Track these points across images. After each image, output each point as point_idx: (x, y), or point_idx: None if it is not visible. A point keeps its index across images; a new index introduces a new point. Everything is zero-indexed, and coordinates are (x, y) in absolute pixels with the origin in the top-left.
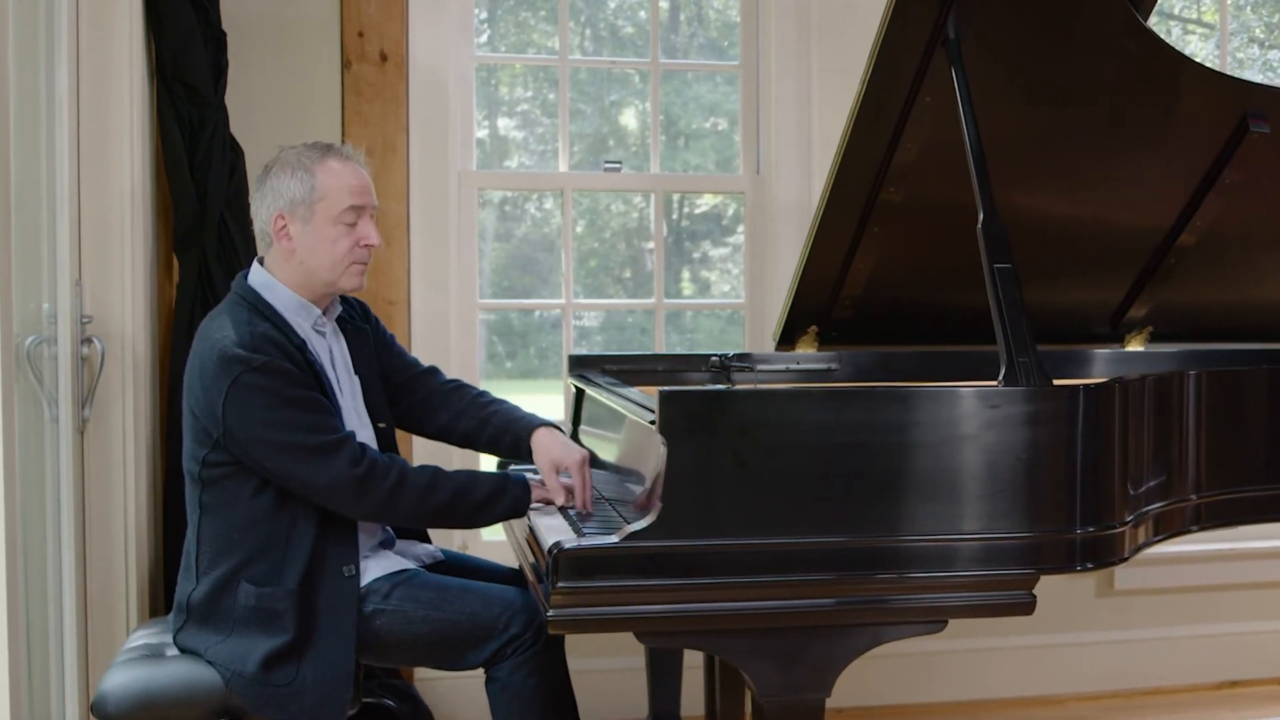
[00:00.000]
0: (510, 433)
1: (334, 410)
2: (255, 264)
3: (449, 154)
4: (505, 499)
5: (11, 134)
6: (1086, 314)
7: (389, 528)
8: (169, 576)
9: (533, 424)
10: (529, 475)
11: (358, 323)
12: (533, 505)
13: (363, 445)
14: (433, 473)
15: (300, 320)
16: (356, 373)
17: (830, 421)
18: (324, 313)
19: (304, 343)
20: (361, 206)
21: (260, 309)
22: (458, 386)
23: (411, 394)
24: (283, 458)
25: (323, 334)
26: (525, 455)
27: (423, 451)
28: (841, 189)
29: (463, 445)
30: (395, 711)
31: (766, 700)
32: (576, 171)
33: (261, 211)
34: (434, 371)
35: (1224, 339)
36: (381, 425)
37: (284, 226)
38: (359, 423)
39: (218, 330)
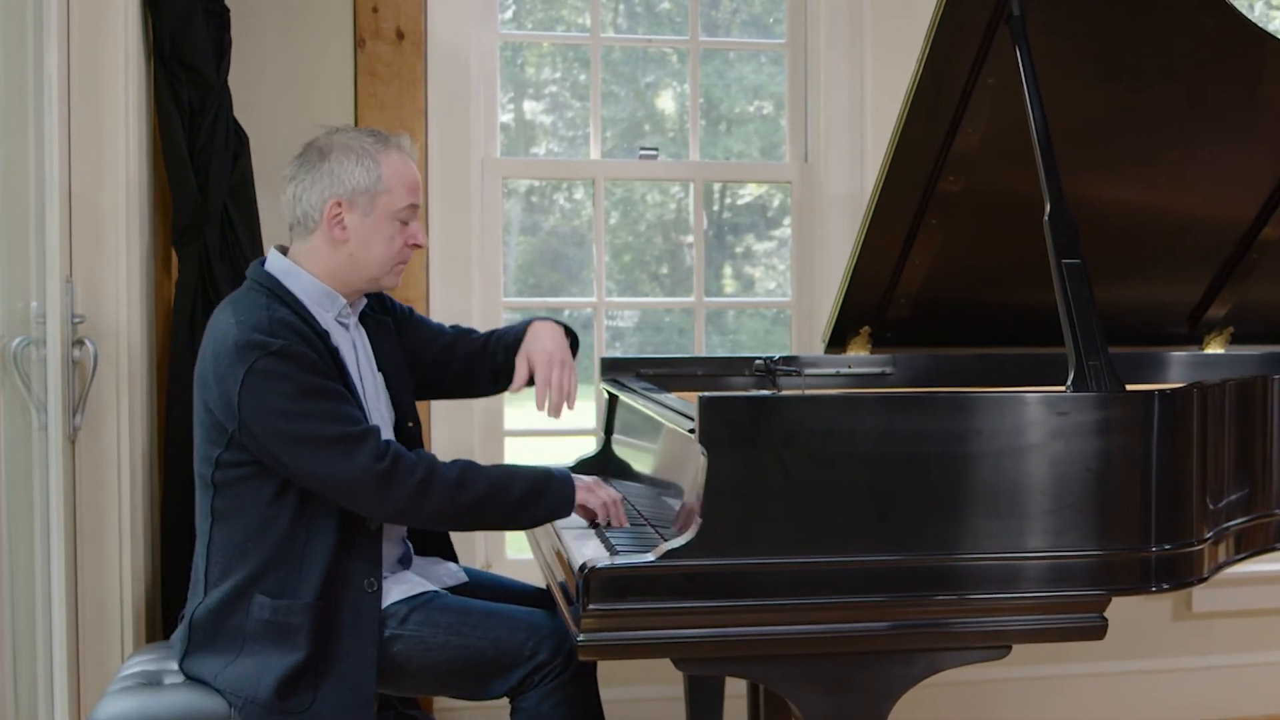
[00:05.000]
0: (511, 334)
1: (356, 403)
2: (274, 250)
3: (471, 140)
4: (547, 496)
5: None
6: (1162, 313)
7: (409, 543)
8: (166, 598)
9: (525, 324)
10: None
11: (378, 315)
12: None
13: (387, 440)
14: (464, 467)
15: (323, 310)
16: (380, 370)
17: (884, 430)
18: (349, 304)
19: (326, 333)
20: (416, 206)
21: (280, 295)
22: (486, 336)
23: (450, 363)
24: (299, 450)
25: (345, 327)
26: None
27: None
28: (896, 178)
29: (497, 386)
30: None
31: None
32: (609, 159)
33: (309, 195)
34: (465, 333)
35: None
36: (410, 425)
37: (339, 215)
38: (383, 421)
39: (234, 315)
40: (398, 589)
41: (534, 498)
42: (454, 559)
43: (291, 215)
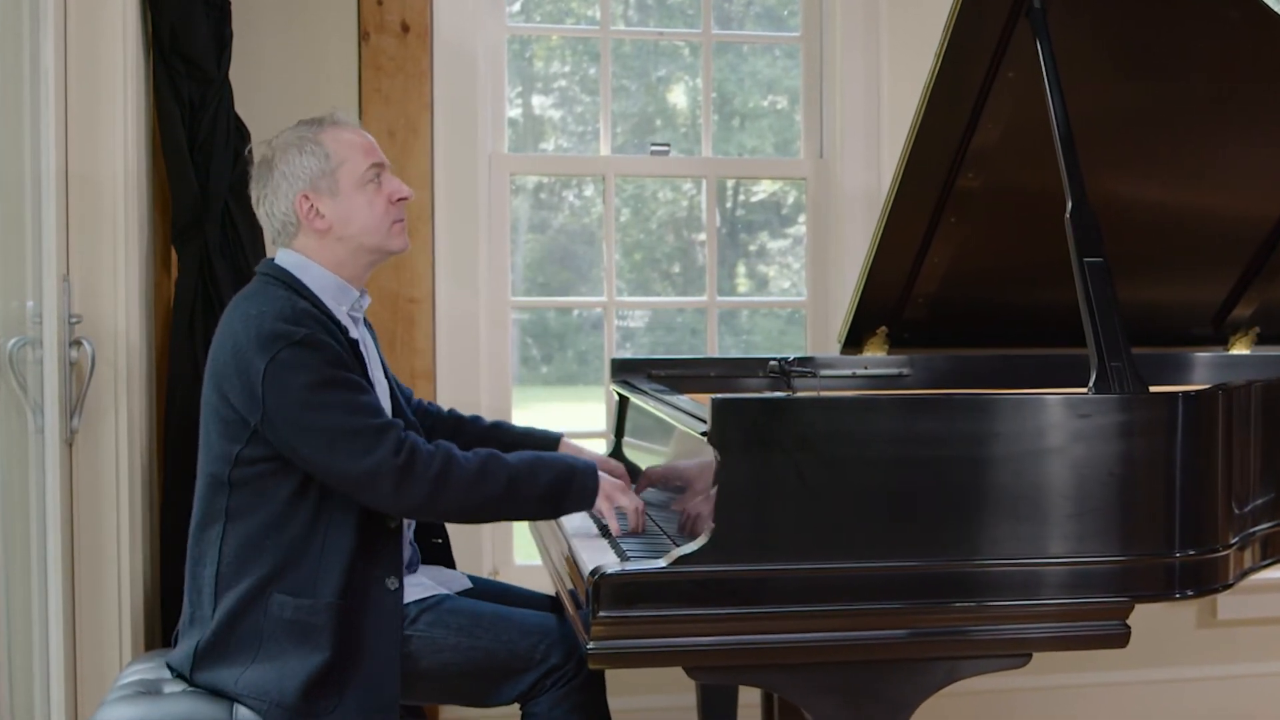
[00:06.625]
0: (525, 444)
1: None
2: (283, 249)
3: (478, 135)
4: (572, 490)
5: None
6: (1186, 313)
7: (416, 546)
8: (166, 604)
9: (550, 435)
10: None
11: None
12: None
13: (406, 432)
14: (485, 458)
15: (337, 304)
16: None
17: (902, 433)
18: (360, 298)
19: (345, 327)
20: (380, 164)
21: (296, 289)
22: (451, 411)
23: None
24: (320, 443)
25: (356, 322)
26: None
27: None
28: (914, 175)
29: None
30: None
31: None
32: (620, 155)
33: (278, 204)
34: (427, 404)
35: None
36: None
37: (311, 206)
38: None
39: (253, 307)
40: (408, 591)
41: (557, 493)
42: (453, 567)
43: (271, 230)
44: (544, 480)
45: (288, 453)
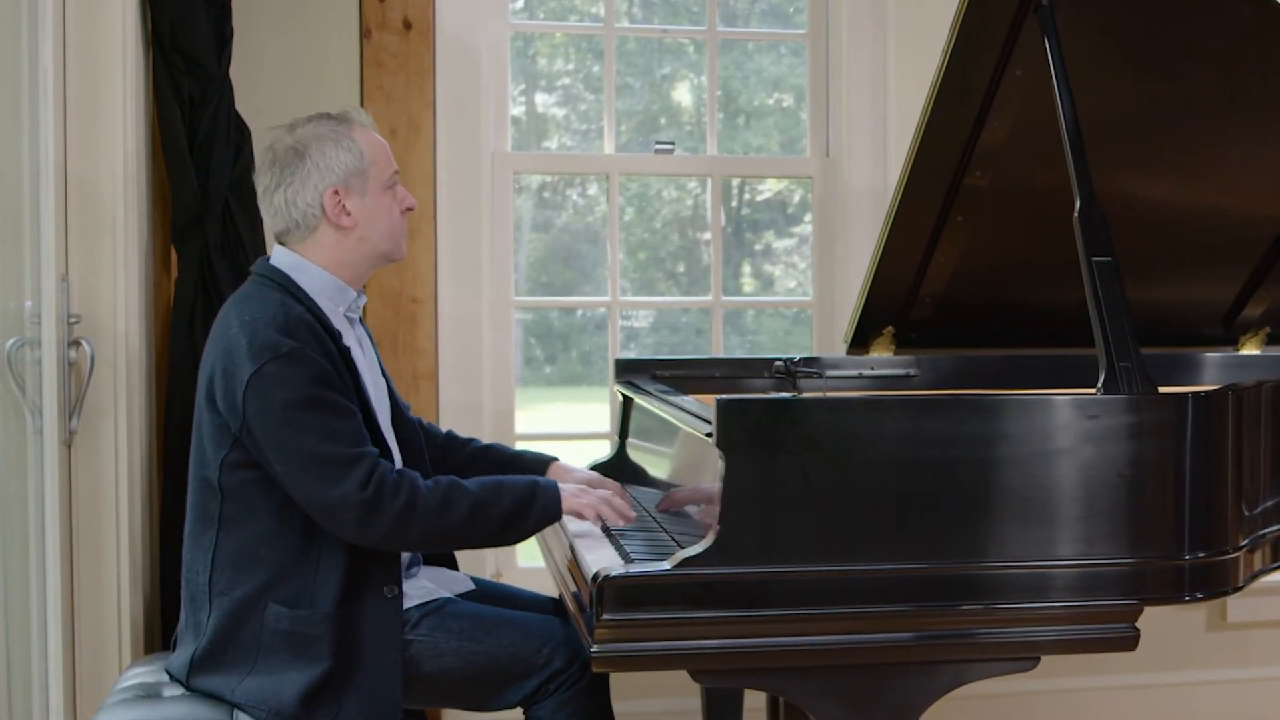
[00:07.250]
0: (516, 466)
1: (365, 413)
2: (279, 247)
3: (481, 134)
4: (535, 508)
5: None
6: (1196, 313)
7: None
8: (165, 607)
9: (542, 457)
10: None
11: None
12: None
13: (377, 463)
14: (447, 487)
15: (333, 305)
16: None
17: (909, 434)
18: (357, 297)
19: (339, 333)
20: (397, 170)
21: (292, 292)
22: (449, 433)
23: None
24: (290, 463)
25: (352, 323)
26: None
27: None
28: (921, 173)
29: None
30: None
31: None
32: (624, 153)
33: (304, 194)
34: (425, 424)
35: None
36: (406, 436)
37: (339, 202)
38: (384, 417)
39: (247, 312)
40: (409, 594)
41: (520, 512)
42: (455, 568)
43: (286, 221)
44: (506, 502)
45: (265, 464)
